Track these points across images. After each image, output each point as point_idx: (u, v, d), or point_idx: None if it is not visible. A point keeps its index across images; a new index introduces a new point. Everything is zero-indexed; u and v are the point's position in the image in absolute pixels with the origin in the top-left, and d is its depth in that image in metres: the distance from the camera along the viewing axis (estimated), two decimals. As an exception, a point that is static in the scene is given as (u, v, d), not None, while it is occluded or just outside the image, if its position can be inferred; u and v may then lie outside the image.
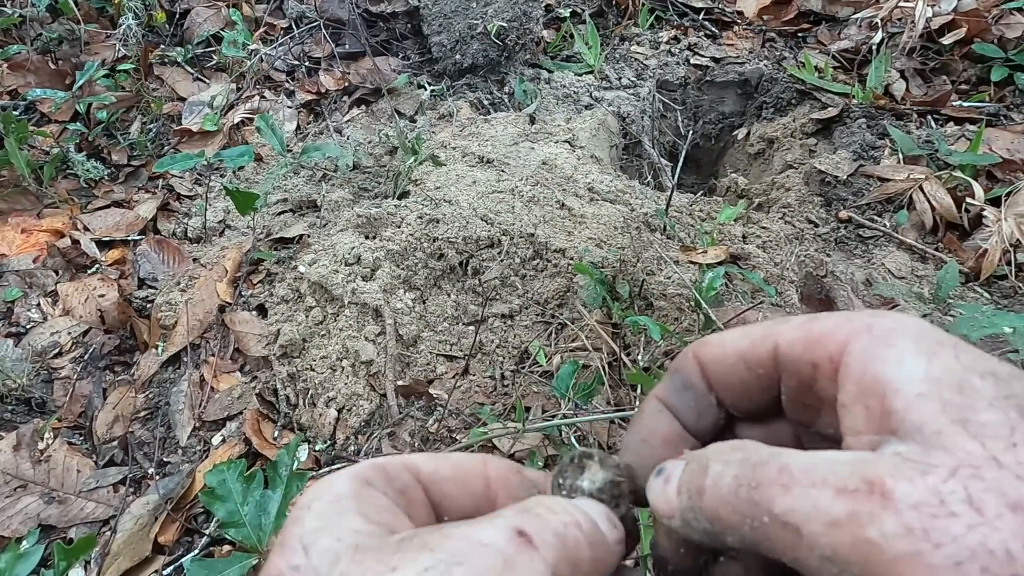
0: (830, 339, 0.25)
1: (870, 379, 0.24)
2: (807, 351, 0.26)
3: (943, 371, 0.22)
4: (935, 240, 1.34)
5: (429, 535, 0.22)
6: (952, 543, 0.19)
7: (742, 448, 0.24)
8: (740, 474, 0.23)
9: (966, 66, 1.70)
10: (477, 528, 0.23)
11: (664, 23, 2.06)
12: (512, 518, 0.23)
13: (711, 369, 0.29)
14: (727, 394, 0.29)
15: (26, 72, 1.70)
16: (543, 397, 1.09)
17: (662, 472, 0.27)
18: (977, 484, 0.20)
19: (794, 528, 0.21)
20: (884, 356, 0.24)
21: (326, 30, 1.84)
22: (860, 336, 0.25)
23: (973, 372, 0.22)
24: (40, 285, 1.31)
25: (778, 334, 0.27)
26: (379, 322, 1.14)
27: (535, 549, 0.22)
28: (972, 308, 1.06)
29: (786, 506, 0.21)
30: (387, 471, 0.26)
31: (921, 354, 0.23)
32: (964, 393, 0.22)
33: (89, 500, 1.00)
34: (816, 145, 1.62)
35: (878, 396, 0.23)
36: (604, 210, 1.34)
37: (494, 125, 1.62)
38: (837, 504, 0.21)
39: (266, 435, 1.07)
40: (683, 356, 0.30)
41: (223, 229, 1.44)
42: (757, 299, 1.16)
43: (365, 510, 0.24)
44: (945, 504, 0.19)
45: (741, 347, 0.28)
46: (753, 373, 0.28)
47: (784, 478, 0.22)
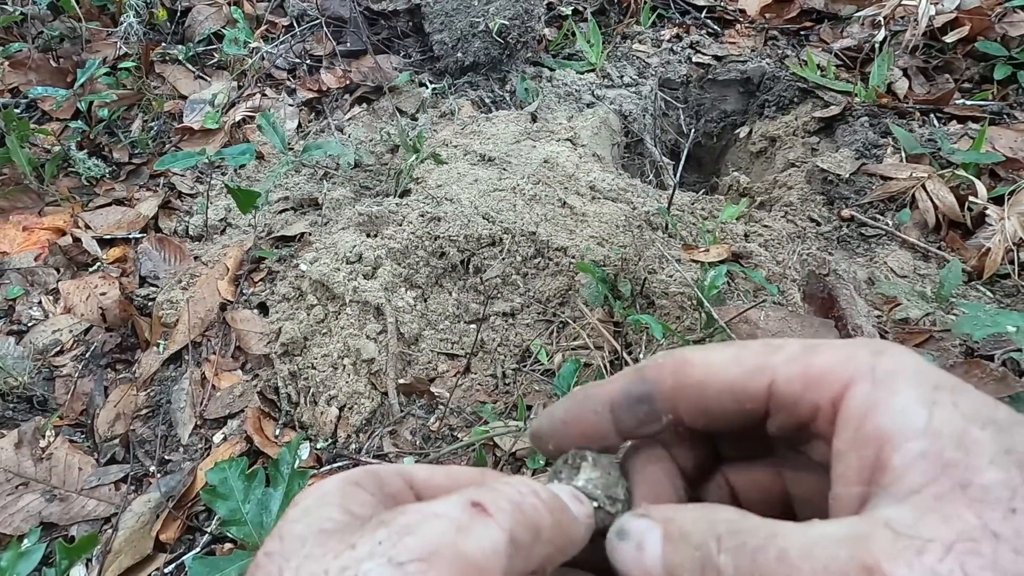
0: (832, 379, 0.25)
1: (870, 429, 0.23)
2: (808, 391, 0.25)
3: (944, 423, 0.22)
4: (938, 239, 1.34)
5: (388, 513, 0.23)
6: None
7: (737, 531, 0.23)
8: (740, 565, 0.23)
9: (969, 64, 1.70)
10: (432, 503, 0.23)
11: (666, 21, 2.06)
12: (468, 492, 0.24)
13: (688, 393, 0.27)
14: (700, 418, 0.28)
15: (27, 70, 1.70)
16: (545, 396, 1.09)
17: (627, 536, 0.25)
18: (974, 561, 0.20)
19: None
20: (886, 405, 0.23)
21: (327, 28, 1.84)
22: (862, 379, 0.24)
23: (974, 422, 0.22)
24: (41, 283, 1.31)
25: (774, 369, 0.26)
26: (380, 320, 1.14)
27: (489, 516, 0.22)
28: (975, 307, 1.06)
29: None
30: (379, 475, 0.27)
31: (923, 404, 0.23)
32: (965, 449, 0.22)
33: (90, 498, 1.00)
34: (818, 143, 1.61)
35: (875, 448, 0.23)
36: (606, 208, 1.33)
37: (496, 123, 1.62)
38: None
39: (267, 433, 1.07)
40: (657, 369, 0.28)
41: (224, 227, 1.44)
42: (759, 297, 1.16)
43: (345, 503, 0.24)
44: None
45: (730, 378, 0.26)
46: (740, 407, 0.27)
47: (784, 568, 0.22)
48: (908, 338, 1.11)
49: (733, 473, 0.31)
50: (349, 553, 0.21)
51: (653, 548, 0.25)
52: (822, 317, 1.06)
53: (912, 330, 1.12)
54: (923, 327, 1.13)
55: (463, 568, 0.21)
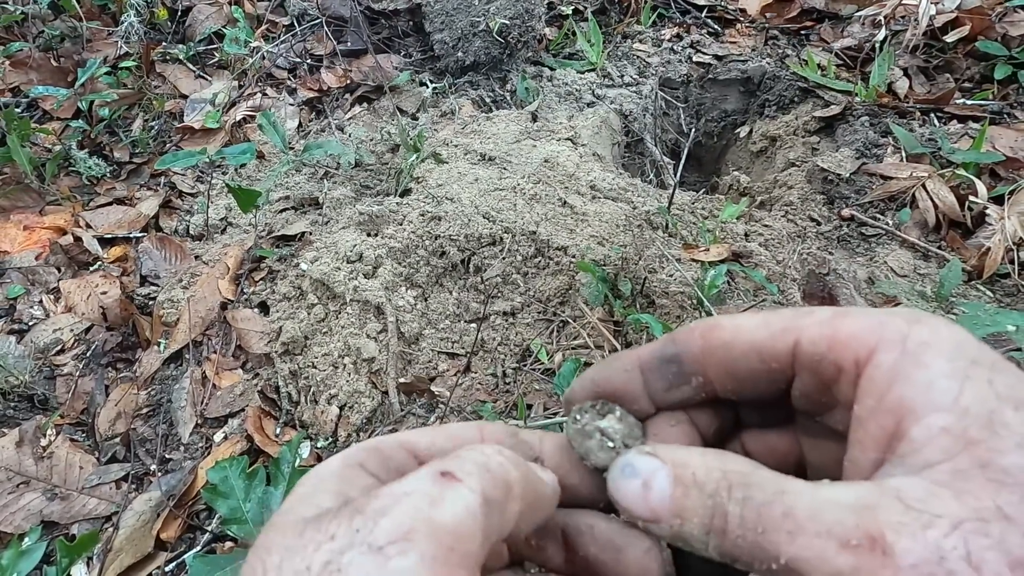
0: (859, 342, 0.24)
1: (893, 399, 0.23)
2: (832, 351, 0.25)
3: (974, 400, 0.21)
4: (938, 238, 1.34)
5: (361, 499, 0.22)
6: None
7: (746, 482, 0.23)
8: (747, 516, 0.23)
9: (969, 64, 1.70)
10: (402, 481, 0.23)
11: (666, 21, 2.06)
12: (434, 464, 0.23)
13: (716, 355, 0.27)
14: (727, 380, 0.28)
15: (28, 69, 1.70)
16: (545, 395, 1.09)
17: (634, 474, 0.25)
18: (980, 540, 0.19)
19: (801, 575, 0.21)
20: (913, 376, 0.22)
21: (328, 27, 1.84)
22: (892, 346, 0.23)
23: (1008, 402, 0.21)
24: (42, 282, 1.31)
25: (800, 329, 0.25)
26: (381, 319, 1.15)
27: (459, 481, 0.22)
28: (975, 306, 1.06)
29: (792, 554, 0.21)
30: (382, 451, 0.26)
31: (954, 378, 0.22)
32: (992, 428, 0.21)
33: (91, 496, 1.00)
34: (819, 143, 1.61)
35: (897, 418, 0.22)
36: (606, 208, 1.33)
37: (496, 123, 1.62)
38: (840, 557, 0.21)
39: (268, 432, 1.07)
40: (688, 332, 0.28)
41: (225, 227, 1.44)
42: (759, 297, 1.16)
43: (343, 488, 0.24)
44: (944, 561, 0.19)
45: (757, 338, 0.26)
46: (765, 366, 0.26)
47: (789, 524, 0.22)
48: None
49: (751, 439, 0.31)
50: (329, 545, 0.21)
51: (661, 488, 0.24)
52: (822, 316, 1.06)
53: (912, 329, 1.12)
54: (923, 326, 1.13)
55: (442, 538, 0.21)
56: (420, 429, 0.28)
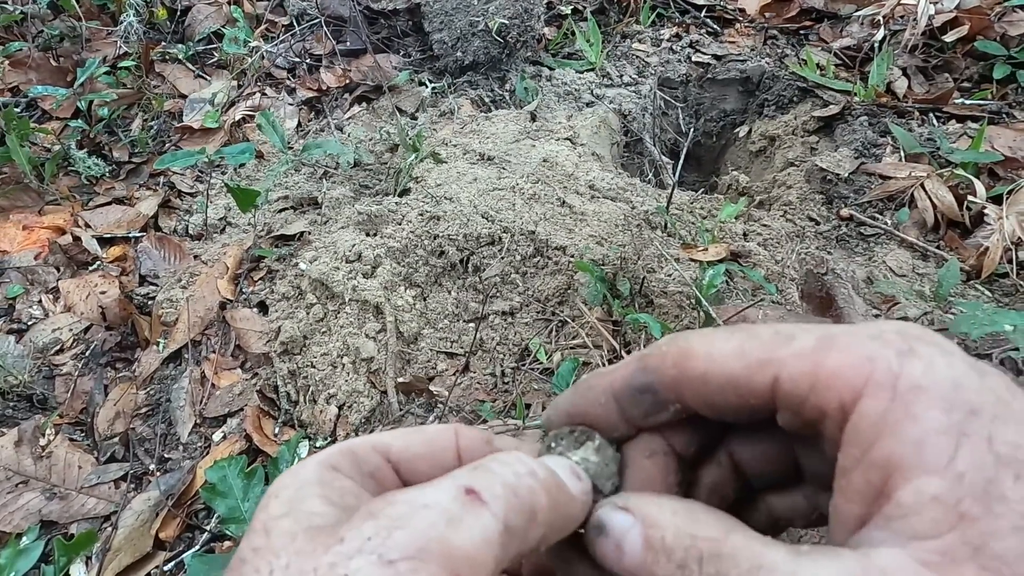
0: (844, 383, 0.22)
1: (881, 454, 0.21)
2: (815, 394, 0.23)
3: (970, 465, 0.20)
4: (936, 238, 1.34)
5: (376, 502, 0.22)
6: None
7: (718, 555, 0.22)
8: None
9: (968, 64, 1.70)
10: (422, 491, 0.22)
11: (666, 20, 2.06)
12: (461, 477, 0.23)
13: (692, 385, 0.26)
14: (706, 409, 0.26)
15: (27, 69, 1.70)
16: (543, 394, 1.09)
17: (606, 532, 0.25)
18: None
19: None
20: (903, 431, 0.21)
21: (327, 27, 1.84)
22: (880, 391, 0.21)
23: (1008, 468, 0.20)
24: (41, 282, 1.31)
25: (780, 363, 0.23)
26: (380, 319, 1.15)
27: (484, 504, 0.21)
28: (973, 306, 1.06)
29: None
30: (356, 454, 0.26)
31: (948, 436, 0.20)
32: (988, 504, 0.19)
33: (90, 496, 1.00)
34: (818, 143, 1.61)
35: (884, 475, 0.21)
36: (605, 208, 1.33)
37: (495, 122, 1.62)
38: None
39: (267, 432, 1.07)
40: (660, 359, 0.26)
41: (224, 226, 1.44)
42: (758, 296, 1.16)
43: (328, 494, 0.24)
44: None
45: (733, 371, 0.24)
46: (744, 400, 0.25)
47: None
48: (906, 337, 1.11)
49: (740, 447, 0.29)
50: (338, 548, 0.20)
51: (632, 549, 0.24)
52: (820, 316, 1.06)
53: (910, 329, 1.12)
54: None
55: (455, 563, 0.20)
56: (395, 431, 0.27)
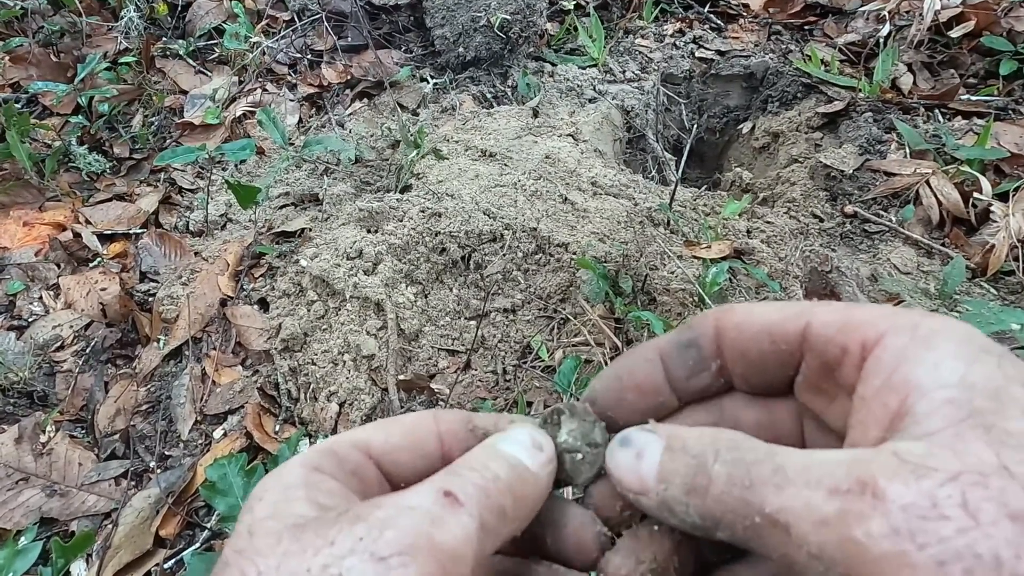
0: (869, 327, 0.24)
1: (899, 377, 0.22)
2: (841, 334, 0.25)
3: (982, 377, 0.21)
4: (941, 235, 1.33)
5: (362, 507, 0.23)
6: (937, 544, 0.18)
7: (736, 446, 0.24)
8: (734, 473, 0.23)
9: (974, 60, 1.68)
10: (405, 495, 0.24)
11: (669, 16, 2.04)
12: (438, 480, 0.24)
13: (729, 335, 0.28)
14: (739, 364, 0.28)
15: (28, 65, 1.70)
16: (545, 392, 1.08)
17: (629, 444, 0.26)
18: (978, 492, 0.19)
19: (784, 526, 0.21)
20: (921, 357, 0.22)
21: (328, 23, 1.83)
22: (901, 332, 0.23)
23: (1016, 381, 0.21)
24: (42, 278, 1.31)
25: (813, 313, 0.26)
26: (381, 316, 1.14)
27: (461, 505, 0.23)
28: (979, 304, 1.06)
29: (778, 505, 0.21)
30: (337, 454, 0.27)
31: (961, 359, 0.22)
32: (999, 400, 0.21)
33: (91, 493, 1.00)
34: (822, 139, 1.60)
35: (901, 396, 0.22)
36: (607, 204, 1.33)
37: (497, 119, 1.61)
38: (828, 504, 0.20)
39: (267, 429, 1.07)
40: (702, 317, 0.29)
41: (225, 223, 1.44)
42: (761, 294, 1.15)
43: (313, 496, 0.25)
44: (937, 507, 0.19)
45: (770, 319, 0.27)
46: (775, 347, 0.27)
47: (778, 478, 0.22)
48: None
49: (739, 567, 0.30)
50: (329, 550, 0.21)
51: (652, 456, 0.25)
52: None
53: (915, 327, 1.12)
54: (926, 324, 1.12)
55: (440, 558, 0.22)
56: (375, 424, 0.28)
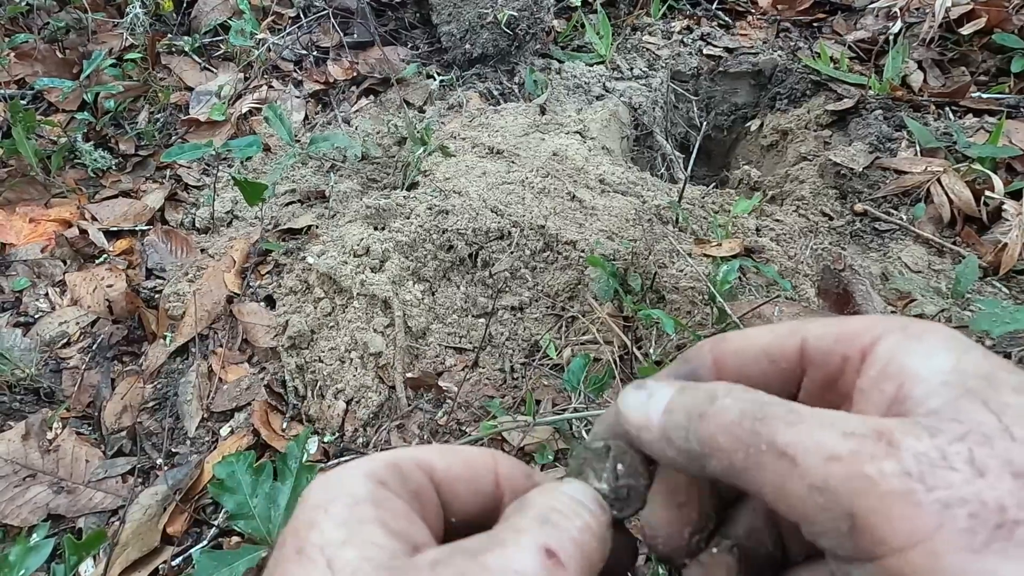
0: (865, 333, 0.25)
1: (895, 367, 0.24)
2: (838, 344, 0.26)
3: (972, 364, 0.23)
4: (953, 234, 1.32)
5: (463, 563, 0.22)
6: (945, 489, 0.19)
7: (752, 390, 0.24)
8: (747, 408, 0.23)
9: (985, 57, 1.67)
10: (508, 553, 0.22)
11: (677, 13, 2.03)
12: (536, 534, 0.23)
13: (728, 363, 0.28)
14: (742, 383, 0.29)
15: (33, 61, 1.69)
16: (553, 390, 1.08)
17: (644, 387, 0.27)
18: (984, 450, 0.20)
19: (791, 458, 0.21)
20: (914, 349, 0.24)
21: (334, 19, 1.82)
22: (893, 332, 0.25)
23: (1001, 368, 0.23)
24: (48, 275, 1.30)
25: (807, 329, 0.27)
26: (388, 314, 1.13)
27: (564, 569, 0.23)
28: (992, 303, 1.04)
29: (789, 438, 0.22)
30: (402, 470, 0.26)
31: (951, 351, 0.23)
32: (990, 381, 0.22)
33: (98, 490, 1.00)
34: (831, 137, 1.59)
35: (897, 383, 0.23)
36: (615, 202, 1.32)
37: (504, 116, 1.60)
38: (842, 443, 0.21)
39: (274, 426, 1.07)
40: (697, 348, 0.29)
41: (231, 219, 1.44)
42: (772, 293, 1.14)
43: (384, 518, 0.23)
44: (948, 460, 0.20)
45: (765, 341, 0.28)
46: (776, 367, 0.27)
47: (792, 417, 0.23)
48: (923, 334, 1.09)
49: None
50: None
51: (663, 396, 0.26)
52: (837, 313, 1.05)
53: (927, 326, 1.11)
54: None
55: None
56: (436, 448, 0.28)
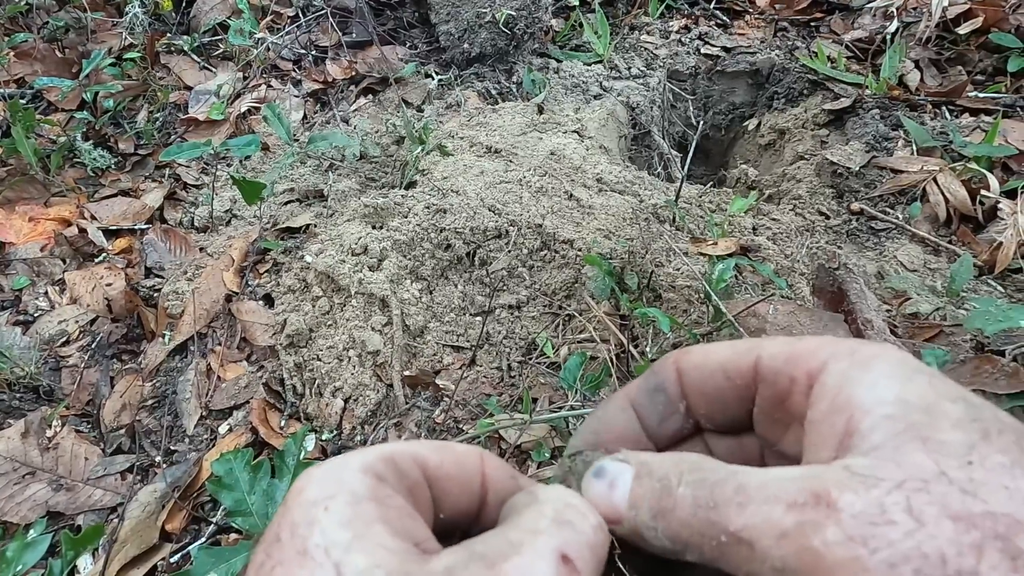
0: (812, 356, 0.26)
1: (843, 399, 0.24)
2: (788, 364, 0.27)
3: (915, 395, 0.23)
4: (948, 233, 1.33)
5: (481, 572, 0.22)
6: (888, 548, 0.20)
7: (699, 468, 0.25)
8: (699, 495, 0.24)
9: (982, 56, 1.67)
10: (526, 560, 0.22)
11: (675, 12, 2.04)
12: (552, 536, 0.23)
13: (690, 376, 0.30)
14: (701, 403, 0.30)
15: (33, 60, 1.70)
16: (550, 388, 1.08)
17: (603, 475, 0.27)
18: (921, 497, 0.20)
19: (748, 543, 0.22)
20: (860, 379, 0.24)
21: (333, 19, 1.83)
22: (841, 358, 0.25)
23: (945, 397, 0.23)
24: (47, 273, 1.31)
25: (762, 348, 0.28)
26: (386, 312, 1.14)
27: (579, 573, 0.23)
28: (987, 302, 1.05)
29: (741, 523, 0.22)
30: (398, 465, 0.25)
31: (896, 379, 0.24)
32: (931, 414, 0.23)
33: (97, 487, 1.00)
34: (828, 136, 1.60)
35: (845, 416, 0.24)
36: (613, 201, 1.32)
37: (502, 115, 1.61)
38: (787, 517, 0.22)
39: (273, 424, 1.07)
40: (663, 361, 0.31)
41: (230, 218, 1.44)
42: (768, 291, 1.15)
43: (387, 516, 0.23)
44: (886, 513, 0.20)
45: (724, 356, 0.29)
46: (731, 383, 0.29)
47: (740, 497, 0.23)
48: (918, 333, 1.10)
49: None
50: None
51: (623, 486, 0.26)
52: (832, 311, 1.05)
53: (922, 325, 1.11)
54: (933, 322, 1.12)
55: None
56: (428, 444, 0.28)
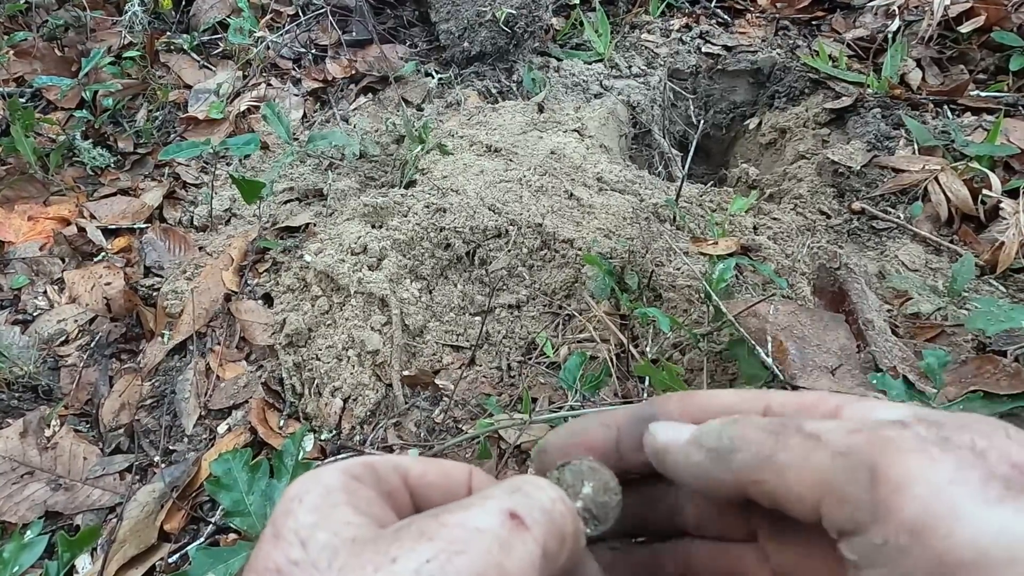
0: (824, 402, 0.27)
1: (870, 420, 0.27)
2: (801, 411, 0.28)
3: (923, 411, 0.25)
4: (950, 232, 1.32)
5: (425, 523, 0.23)
6: (957, 450, 0.22)
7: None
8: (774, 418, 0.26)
9: (984, 55, 1.67)
10: (471, 514, 0.23)
11: (675, 11, 2.03)
12: (503, 499, 0.24)
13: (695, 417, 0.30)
14: None
15: (32, 59, 1.69)
16: (550, 388, 1.08)
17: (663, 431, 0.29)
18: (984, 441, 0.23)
19: (816, 437, 0.24)
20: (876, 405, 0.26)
21: (333, 17, 1.82)
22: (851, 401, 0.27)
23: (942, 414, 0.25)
24: (46, 272, 1.31)
25: (771, 396, 0.29)
26: (385, 312, 1.14)
27: (527, 530, 0.23)
28: (988, 302, 1.04)
29: (815, 426, 0.25)
30: (377, 470, 0.26)
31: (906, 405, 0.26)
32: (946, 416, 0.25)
33: (95, 487, 1.00)
34: (829, 135, 1.59)
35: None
36: (613, 200, 1.32)
37: (502, 114, 1.60)
38: (862, 424, 0.24)
39: (272, 424, 1.07)
40: (664, 399, 0.31)
41: (229, 218, 1.44)
42: (768, 291, 1.14)
43: (355, 502, 0.24)
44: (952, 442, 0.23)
45: (732, 401, 0.29)
46: None
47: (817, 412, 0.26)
48: (919, 333, 1.10)
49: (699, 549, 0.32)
50: (391, 568, 0.21)
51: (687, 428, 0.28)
52: (833, 311, 1.05)
53: (923, 325, 1.11)
54: (935, 322, 1.11)
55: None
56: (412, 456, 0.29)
